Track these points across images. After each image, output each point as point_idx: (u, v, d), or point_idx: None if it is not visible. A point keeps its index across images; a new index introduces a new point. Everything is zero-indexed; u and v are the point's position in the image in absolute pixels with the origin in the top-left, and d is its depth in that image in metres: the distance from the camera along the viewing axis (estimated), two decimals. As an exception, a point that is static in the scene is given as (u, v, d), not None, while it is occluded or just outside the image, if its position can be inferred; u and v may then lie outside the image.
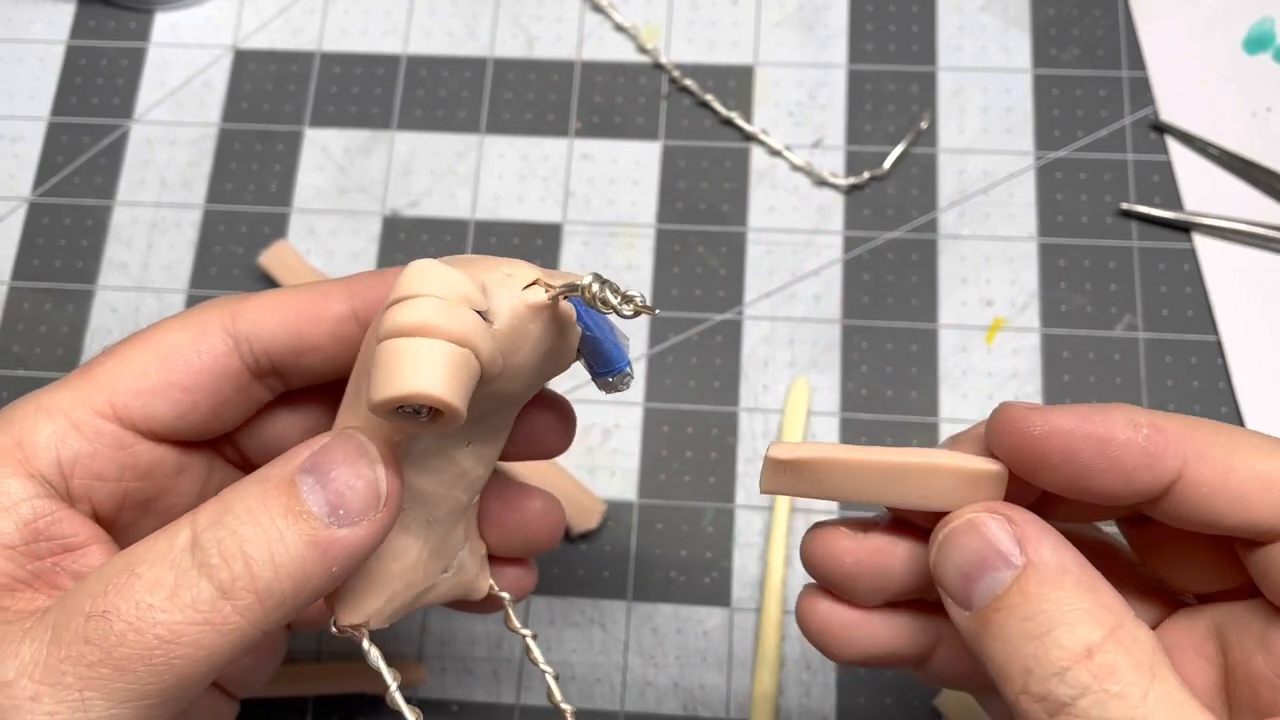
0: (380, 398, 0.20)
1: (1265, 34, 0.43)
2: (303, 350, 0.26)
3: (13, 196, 0.45)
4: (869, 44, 0.45)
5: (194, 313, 0.26)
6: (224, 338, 0.25)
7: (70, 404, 0.24)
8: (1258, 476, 0.22)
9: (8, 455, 0.24)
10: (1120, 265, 0.41)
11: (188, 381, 0.25)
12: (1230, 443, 0.22)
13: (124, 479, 0.25)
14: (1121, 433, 0.22)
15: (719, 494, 0.39)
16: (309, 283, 0.26)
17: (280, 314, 0.25)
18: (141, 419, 0.25)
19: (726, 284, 0.42)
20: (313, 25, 0.46)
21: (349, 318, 0.26)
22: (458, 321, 0.21)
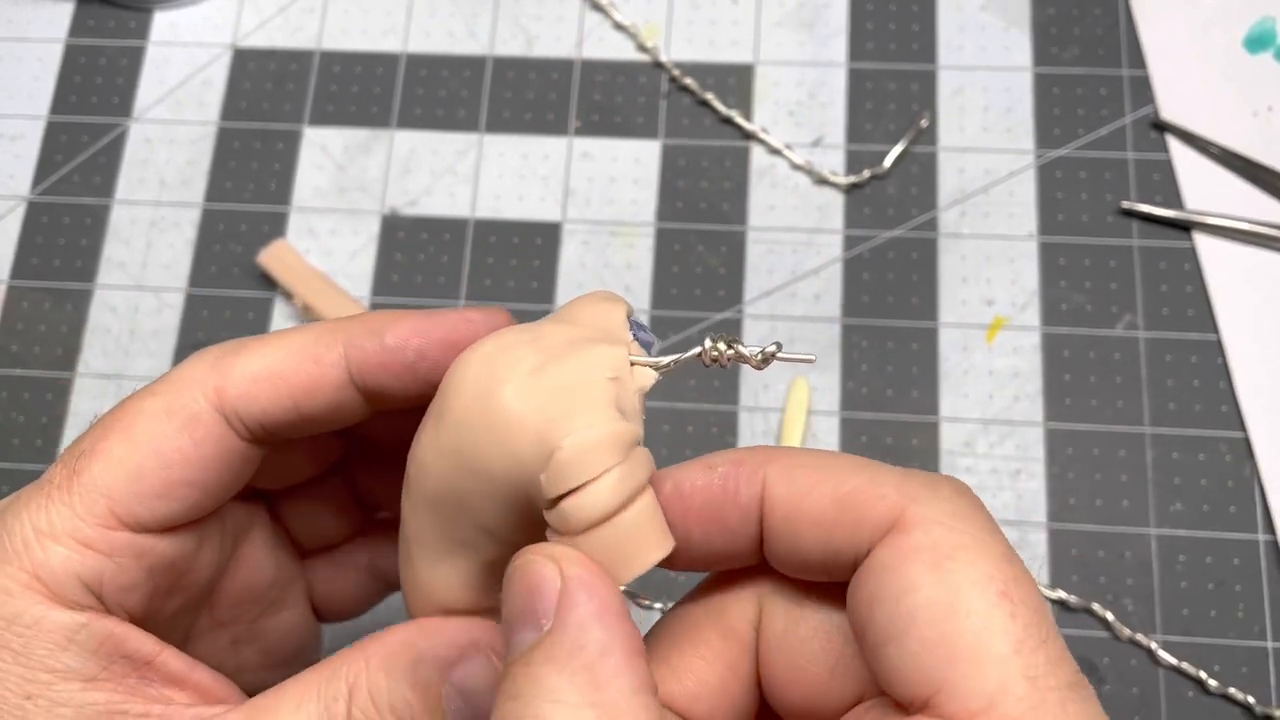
0: (630, 578, 0.20)
1: (1266, 33, 0.43)
2: (301, 422, 0.24)
3: (12, 195, 0.45)
4: (869, 43, 0.45)
5: (176, 389, 0.23)
6: (215, 419, 0.23)
7: (70, 523, 0.22)
8: (834, 498, 0.20)
9: (31, 592, 0.21)
10: (1121, 264, 0.41)
11: (190, 476, 0.23)
12: (811, 464, 0.20)
13: (155, 580, 0.23)
14: (698, 479, 0.21)
15: (719, 493, 0.39)
16: (296, 336, 0.24)
17: (273, 387, 0.23)
18: (151, 521, 0.23)
19: (726, 283, 0.42)
20: (312, 24, 0.46)
21: (347, 385, 0.24)
22: (641, 467, 0.20)
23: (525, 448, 0.20)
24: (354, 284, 0.43)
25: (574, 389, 0.20)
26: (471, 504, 0.21)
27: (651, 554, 0.20)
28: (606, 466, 0.20)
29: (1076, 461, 0.39)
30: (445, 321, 0.23)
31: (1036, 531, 0.38)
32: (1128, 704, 0.36)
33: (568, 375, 0.21)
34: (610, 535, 0.20)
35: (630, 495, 0.20)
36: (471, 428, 0.21)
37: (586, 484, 0.20)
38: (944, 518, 0.19)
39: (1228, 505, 0.38)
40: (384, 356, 0.23)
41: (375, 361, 0.23)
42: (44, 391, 0.42)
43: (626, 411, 0.21)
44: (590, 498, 0.20)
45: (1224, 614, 0.37)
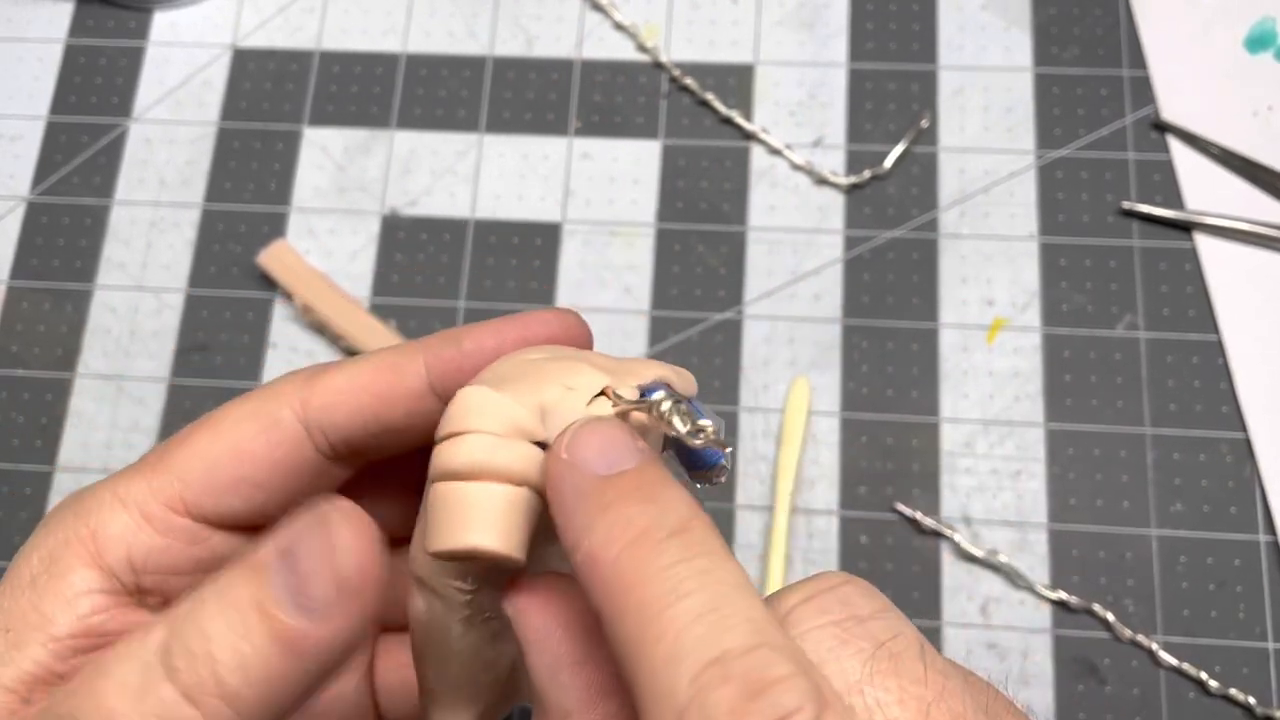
0: (435, 549, 0.19)
1: (1266, 33, 0.43)
2: (380, 433, 0.24)
3: (11, 196, 0.45)
4: (869, 43, 0.44)
5: (262, 397, 0.24)
6: (296, 429, 0.24)
7: (144, 496, 0.23)
8: None
9: (82, 545, 0.23)
10: (1121, 264, 0.41)
11: (260, 477, 0.24)
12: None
13: (198, 571, 0.24)
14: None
15: (719, 494, 0.39)
16: (382, 352, 0.25)
17: (354, 398, 0.24)
18: (214, 514, 0.24)
19: (726, 283, 0.42)
20: (312, 24, 0.46)
21: (426, 394, 0.24)
22: (512, 459, 0.19)
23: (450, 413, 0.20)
24: (354, 284, 0.43)
25: (522, 379, 0.20)
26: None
27: (464, 536, 0.19)
28: (474, 427, 0.19)
29: (1077, 462, 0.39)
30: (520, 323, 0.24)
31: (1037, 532, 0.38)
32: (1129, 705, 0.36)
33: (534, 371, 0.21)
34: (443, 495, 0.19)
35: (482, 469, 0.19)
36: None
37: (459, 434, 0.19)
38: None
39: (1228, 506, 0.38)
40: (462, 361, 0.24)
41: (454, 367, 0.24)
42: (44, 392, 0.42)
43: (560, 421, 0.20)
44: (445, 445, 0.19)
45: (1225, 615, 0.37)
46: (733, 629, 0.16)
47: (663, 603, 0.16)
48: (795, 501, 0.39)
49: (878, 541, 0.38)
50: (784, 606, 0.18)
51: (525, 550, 0.19)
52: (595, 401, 0.20)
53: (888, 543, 0.38)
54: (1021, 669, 0.37)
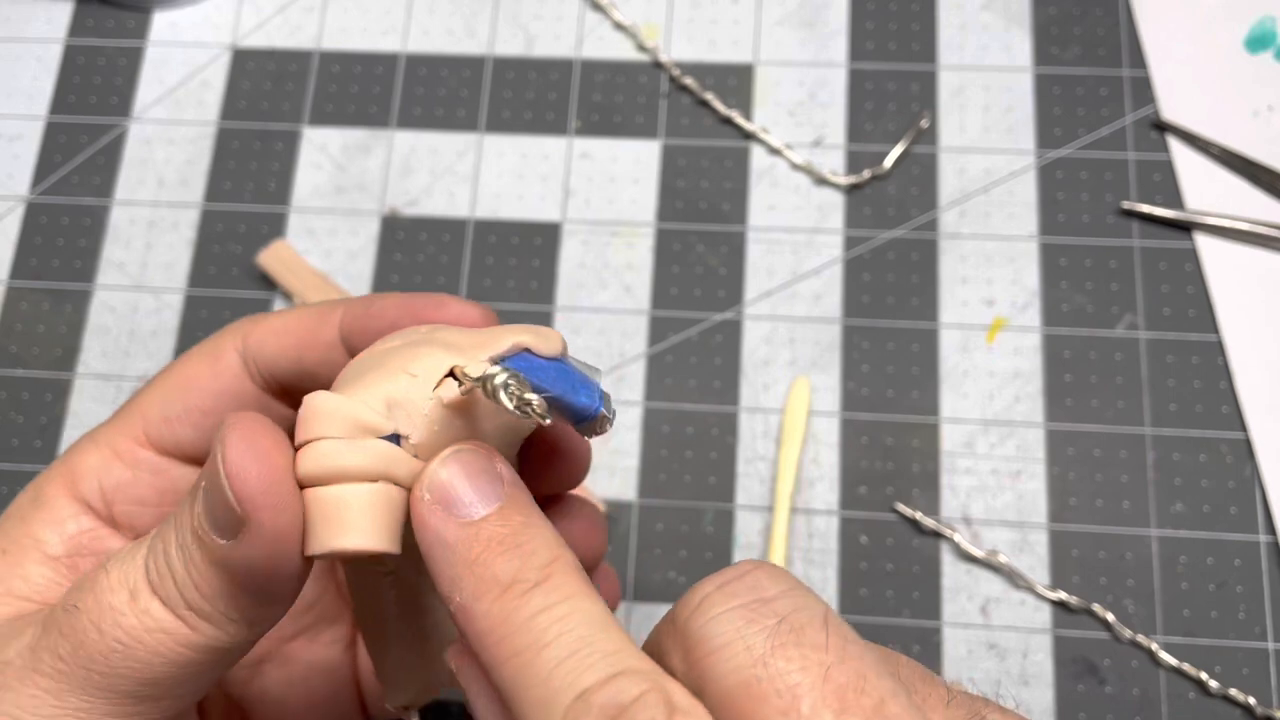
0: (310, 553, 0.20)
1: (1267, 33, 0.43)
2: (303, 375, 0.26)
3: (10, 196, 0.45)
4: (869, 42, 0.44)
5: (213, 337, 0.27)
6: (235, 359, 0.26)
7: (113, 435, 0.26)
8: None
9: (61, 480, 0.25)
10: (1121, 264, 0.41)
11: (206, 404, 0.26)
12: None
13: (163, 502, 0.26)
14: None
15: (719, 494, 0.39)
16: (318, 303, 0.27)
17: (284, 337, 0.26)
18: (172, 444, 0.26)
19: (726, 283, 0.42)
20: (311, 24, 0.46)
21: (337, 344, 0.26)
22: (360, 459, 0.20)
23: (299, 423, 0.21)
24: (354, 284, 0.43)
25: (371, 370, 0.21)
26: None
27: (344, 540, 0.19)
28: (319, 434, 0.20)
29: (1077, 462, 0.39)
30: (424, 301, 0.25)
31: (1037, 532, 0.38)
32: (1128, 705, 0.36)
33: (382, 360, 0.21)
34: (309, 501, 0.20)
35: (336, 473, 0.20)
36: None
37: (308, 442, 0.20)
38: None
39: (1229, 506, 0.38)
40: (365, 321, 0.26)
41: (359, 326, 0.26)
42: (43, 392, 0.42)
43: (401, 408, 0.20)
44: (303, 457, 0.20)
45: (1225, 615, 0.37)
46: (591, 667, 0.18)
47: (530, 653, 0.18)
48: (795, 501, 0.39)
49: (878, 541, 0.38)
50: (697, 595, 0.19)
51: (397, 540, 0.20)
52: (443, 384, 0.21)
53: (888, 543, 0.38)
54: (1021, 669, 0.37)
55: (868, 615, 0.38)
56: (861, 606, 0.38)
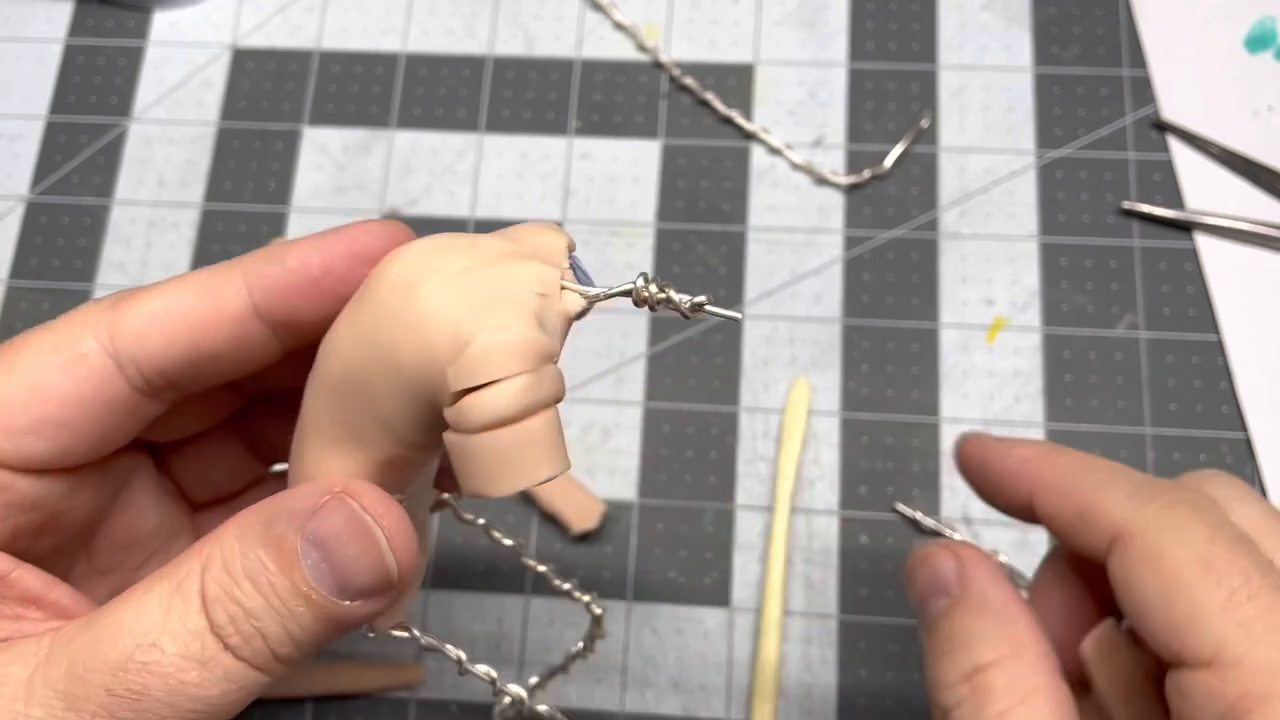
0: (500, 492, 0.20)
1: (1267, 33, 0.43)
2: (201, 362, 0.23)
3: (11, 195, 0.45)
4: (869, 42, 0.44)
5: (62, 327, 0.22)
6: (104, 362, 0.22)
7: None
8: (1082, 493, 0.25)
9: None
10: (1121, 264, 0.41)
11: (64, 416, 0.22)
12: (1077, 467, 0.26)
13: (10, 516, 0.22)
14: (992, 453, 0.27)
15: (719, 494, 0.39)
16: (196, 274, 0.23)
17: (168, 325, 0.22)
18: (16, 459, 0.22)
19: (727, 283, 0.42)
20: (311, 23, 0.46)
21: (249, 317, 0.23)
22: (551, 383, 0.20)
23: (438, 339, 0.20)
24: (353, 284, 0.43)
25: (499, 294, 0.20)
26: (375, 393, 0.21)
27: (540, 471, 0.20)
28: (514, 371, 0.19)
29: (1077, 462, 0.39)
30: (345, 236, 0.23)
31: (1037, 532, 0.38)
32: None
33: (496, 281, 0.20)
34: (504, 441, 0.19)
35: (532, 406, 0.20)
36: (389, 315, 0.20)
37: (491, 383, 0.19)
38: (1161, 524, 0.24)
39: (1229, 506, 0.38)
40: (287, 279, 0.22)
41: (279, 286, 0.23)
42: (43, 392, 0.42)
43: (548, 329, 0.21)
44: (491, 398, 0.19)
45: (1225, 615, 0.37)
46: None
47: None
48: (795, 501, 0.39)
49: (878, 541, 0.38)
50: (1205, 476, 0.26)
51: None
52: (565, 295, 0.21)
53: (888, 543, 0.38)
54: (1022, 669, 0.37)
55: (868, 615, 0.38)
56: (861, 606, 0.38)
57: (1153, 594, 0.23)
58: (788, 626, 0.38)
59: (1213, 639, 0.21)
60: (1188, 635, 0.22)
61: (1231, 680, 0.21)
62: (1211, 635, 0.21)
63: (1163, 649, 0.22)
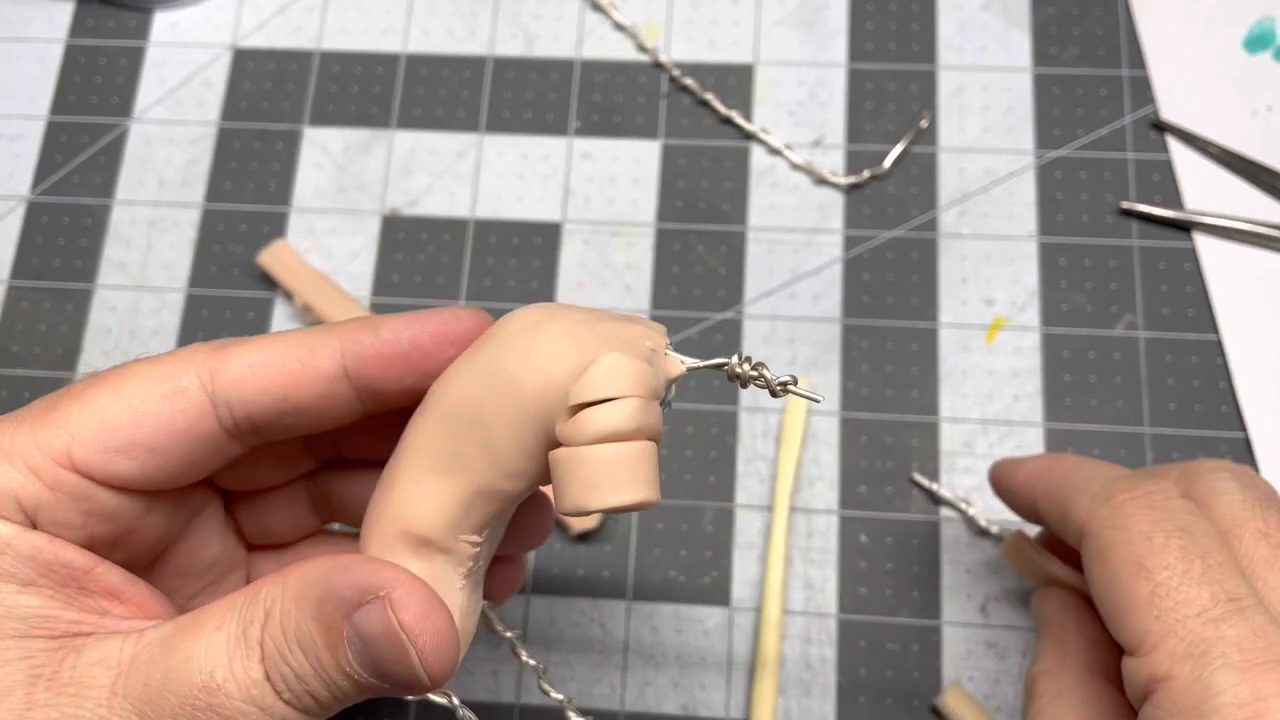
0: (598, 507, 0.21)
1: (1266, 33, 0.43)
2: (287, 412, 0.24)
3: (11, 195, 0.45)
4: (869, 43, 0.45)
5: (170, 361, 0.24)
6: (201, 399, 0.24)
7: (28, 447, 0.23)
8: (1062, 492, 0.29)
9: None
10: (1121, 264, 0.41)
11: (156, 442, 0.23)
12: (1067, 471, 0.29)
13: (88, 525, 0.24)
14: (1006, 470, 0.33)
15: (719, 494, 0.39)
16: (295, 332, 0.25)
17: (265, 375, 0.24)
18: (102, 474, 0.23)
19: (726, 283, 0.42)
20: (312, 24, 0.46)
21: (340, 377, 0.24)
22: (655, 418, 0.22)
23: (562, 364, 0.22)
24: (354, 284, 0.43)
25: (616, 337, 0.22)
26: (487, 419, 0.23)
27: (637, 490, 0.21)
28: (630, 392, 0.21)
29: (1076, 462, 0.39)
30: (437, 318, 0.25)
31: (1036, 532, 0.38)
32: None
33: (612, 330, 0.23)
34: (610, 454, 0.21)
35: (641, 429, 0.21)
36: (515, 347, 0.23)
37: (611, 399, 0.21)
38: (1110, 522, 0.26)
39: (1228, 505, 0.38)
40: (380, 348, 0.24)
41: (371, 354, 0.24)
42: (44, 391, 0.42)
43: (661, 396, 0.23)
44: (608, 411, 0.21)
45: (1224, 614, 0.37)
46: None
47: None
48: (795, 501, 0.39)
49: (878, 541, 0.39)
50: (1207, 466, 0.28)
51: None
52: (670, 358, 0.23)
53: (887, 542, 0.38)
54: (1021, 669, 0.37)
55: (867, 615, 0.38)
56: (861, 606, 0.38)
57: (1101, 587, 0.26)
58: (787, 625, 0.38)
59: (1139, 629, 0.24)
60: (1122, 625, 0.25)
61: (1147, 665, 0.24)
62: (1138, 626, 0.24)
63: (1114, 636, 0.25)
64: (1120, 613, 0.25)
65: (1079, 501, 0.27)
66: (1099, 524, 0.26)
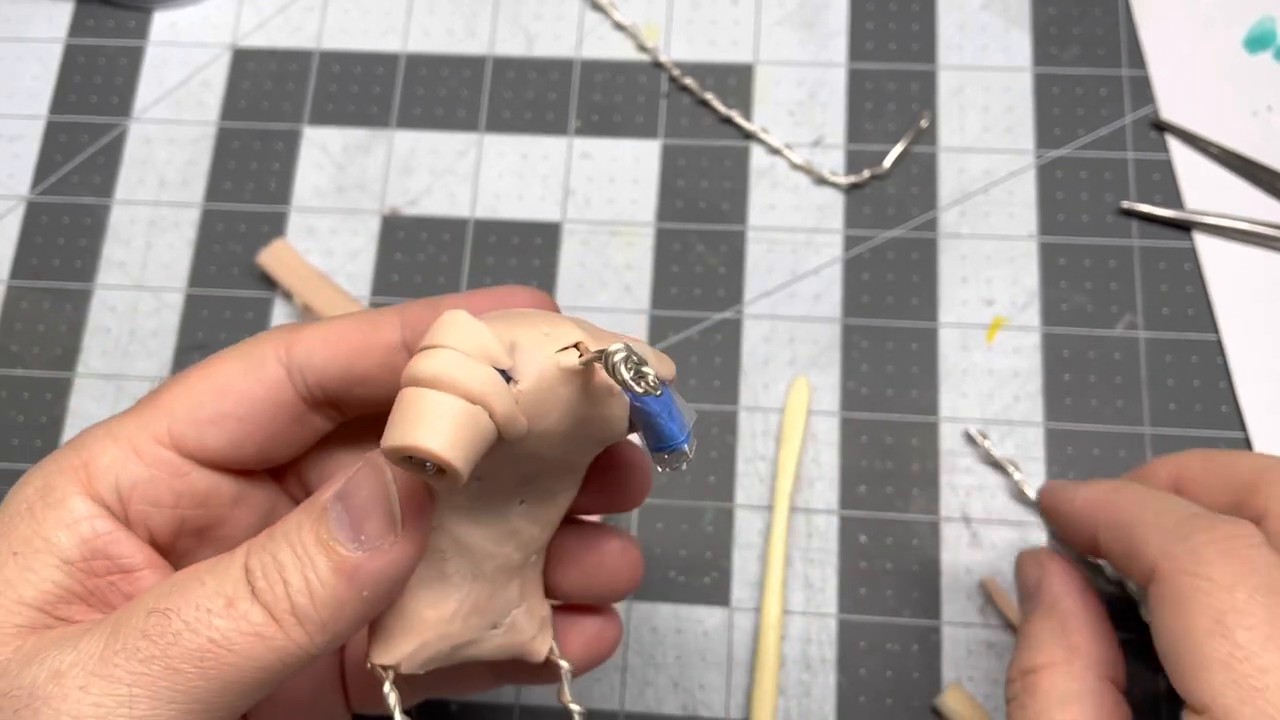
0: (387, 445, 0.20)
1: (1266, 33, 0.43)
2: (354, 381, 0.26)
3: (11, 195, 0.45)
4: (869, 42, 0.44)
5: (250, 343, 0.26)
6: (277, 368, 0.25)
7: (133, 430, 0.25)
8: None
9: (75, 474, 0.24)
10: (1121, 264, 0.41)
11: (241, 411, 0.25)
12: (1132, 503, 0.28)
13: (180, 506, 0.25)
14: (1061, 497, 0.32)
15: (719, 494, 0.39)
16: (364, 311, 0.26)
17: (333, 345, 0.26)
18: (197, 447, 0.25)
19: (726, 283, 0.42)
20: (312, 23, 0.46)
21: (399, 347, 0.26)
22: (472, 377, 0.21)
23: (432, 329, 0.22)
24: (354, 284, 0.43)
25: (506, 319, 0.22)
26: None
27: (427, 439, 0.20)
28: (450, 344, 0.21)
29: (1076, 461, 0.39)
30: (493, 294, 0.26)
31: (1037, 531, 0.38)
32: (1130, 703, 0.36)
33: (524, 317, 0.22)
34: (407, 399, 0.21)
35: (444, 380, 0.20)
36: None
37: (431, 347, 0.21)
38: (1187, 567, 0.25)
39: (1228, 505, 0.38)
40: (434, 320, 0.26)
41: (426, 324, 0.25)
42: (43, 391, 0.42)
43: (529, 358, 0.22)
44: (419, 355, 0.21)
45: (1224, 614, 0.37)
46: None
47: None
48: (795, 501, 0.39)
49: (878, 541, 0.38)
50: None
51: (470, 465, 0.21)
52: (567, 351, 0.22)
53: (887, 542, 0.38)
54: (1021, 668, 0.37)
55: (867, 615, 0.38)
56: (861, 606, 0.38)
57: (1170, 638, 0.24)
58: (787, 625, 0.38)
59: (1209, 691, 0.23)
60: (1191, 683, 0.24)
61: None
62: (1209, 687, 0.23)
63: (1176, 688, 0.24)
64: (1190, 668, 0.24)
65: (1149, 539, 0.26)
66: (1173, 566, 0.25)
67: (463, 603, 0.25)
